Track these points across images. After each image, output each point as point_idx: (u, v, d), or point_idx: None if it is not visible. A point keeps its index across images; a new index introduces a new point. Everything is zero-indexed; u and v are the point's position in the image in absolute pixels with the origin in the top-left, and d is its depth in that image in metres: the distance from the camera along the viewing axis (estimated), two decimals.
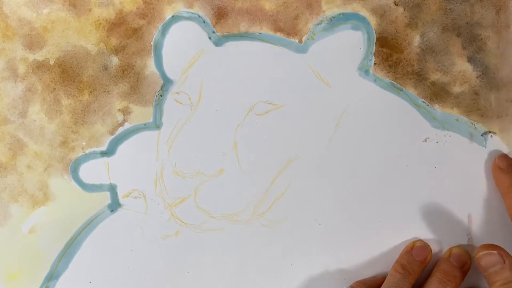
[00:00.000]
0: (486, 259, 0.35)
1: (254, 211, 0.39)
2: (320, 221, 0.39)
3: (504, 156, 0.38)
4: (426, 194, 0.39)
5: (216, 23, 0.39)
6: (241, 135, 0.39)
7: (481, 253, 0.35)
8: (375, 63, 0.39)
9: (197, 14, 0.39)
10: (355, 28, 0.39)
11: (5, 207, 0.39)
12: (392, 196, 0.39)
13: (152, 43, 0.39)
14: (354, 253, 0.39)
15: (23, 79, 0.39)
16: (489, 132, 0.38)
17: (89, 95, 0.39)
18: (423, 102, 0.39)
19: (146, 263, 0.39)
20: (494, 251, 0.34)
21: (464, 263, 0.37)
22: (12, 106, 0.39)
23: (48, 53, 0.39)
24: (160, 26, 0.39)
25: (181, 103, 0.39)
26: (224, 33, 0.39)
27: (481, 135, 0.38)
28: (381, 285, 0.37)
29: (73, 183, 0.39)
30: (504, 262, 0.34)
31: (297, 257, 0.39)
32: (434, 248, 0.38)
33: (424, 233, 0.39)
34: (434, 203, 0.39)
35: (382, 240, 0.39)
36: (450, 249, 0.38)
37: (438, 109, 0.39)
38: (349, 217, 0.39)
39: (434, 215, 0.39)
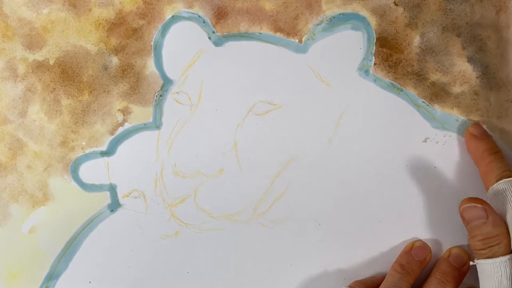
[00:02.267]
0: (470, 212, 0.34)
1: (254, 211, 0.39)
2: (320, 221, 0.39)
3: (478, 125, 0.38)
4: (426, 194, 0.39)
5: (216, 23, 0.39)
6: (241, 135, 0.39)
7: (465, 205, 0.34)
8: (375, 63, 0.39)
9: (197, 14, 0.39)
10: (355, 28, 0.39)
11: (5, 207, 0.39)
12: (392, 196, 0.39)
13: (152, 43, 0.39)
14: (353, 253, 0.39)
15: (23, 79, 0.39)
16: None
17: (89, 95, 0.39)
18: (423, 102, 0.39)
19: (146, 263, 0.39)
20: (479, 205, 0.34)
21: (464, 263, 0.37)
22: (12, 106, 0.39)
23: (48, 53, 0.39)
24: (160, 26, 0.39)
25: (181, 103, 0.39)
26: (224, 33, 0.39)
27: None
28: (380, 285, 0.37)
29: (73, 183, 0.39)
30: (488, 218, 0.34)
31: (297, 257, 0.39)
32: (434, 248, 0.38)
33: (424, 233, 0.39)
34: (434, 203, 0.39)
35: (382, 240, 0.39)
36: (450, 250, 0.38)
37: (438, 109, 0.39)
38: (349, 217, 0.39)
39: (434, 215, 0.39)
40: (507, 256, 0.33)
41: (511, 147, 0.38)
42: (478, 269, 0.34)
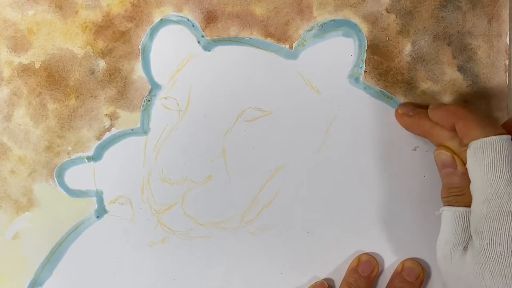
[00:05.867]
0: (441, 157, 0.35)
1: (242, 218, 0.39)
2: (308, 229, 0.39)
3: (405, 103, 0.38)
4: (415, 203, 0.38)
5: (206, 27, 0.38)
6: (230, 141, 0.39)
7: (438, 150, 0.35)
8: (365, 71, 0.38)
9: (186, 18, 0.38)
10: (346, 35, 0.38)
11: None
12: (381, 204, 0.38)
13: (139, 46, 0.38)
14: (342, 261, 0.39)
15: (8, 83, 0.38)
16: None
17: (75, 100, 0.39)
18: None
19: (132, 270, 0.39)
20: (449, 154, 0.34)
21: (417, 276, 0.37)
22: None
23: (33, 56, 0.38)
24: (148, 29, 0.38)
25: (169, 108, 0.39)
26: (214, 37, 0.39)
27: None
28: None
29: (59, 188, 0.39)
30: (456, 168, 0.34)
31: (285, 265, 0.39)
32: (429, 257, 0.38)
33: (413, 241, 0.38)
34: (424, 212, 0.38)
35: (371, 249, 0.39)
36: (403, 262, 0.38)
37: None
38: (338, 225, 0.39)
39: (424, 223, 0.38)
40: (468, 209, 0.33)
41: None
42: (441, 218, 0.35)
